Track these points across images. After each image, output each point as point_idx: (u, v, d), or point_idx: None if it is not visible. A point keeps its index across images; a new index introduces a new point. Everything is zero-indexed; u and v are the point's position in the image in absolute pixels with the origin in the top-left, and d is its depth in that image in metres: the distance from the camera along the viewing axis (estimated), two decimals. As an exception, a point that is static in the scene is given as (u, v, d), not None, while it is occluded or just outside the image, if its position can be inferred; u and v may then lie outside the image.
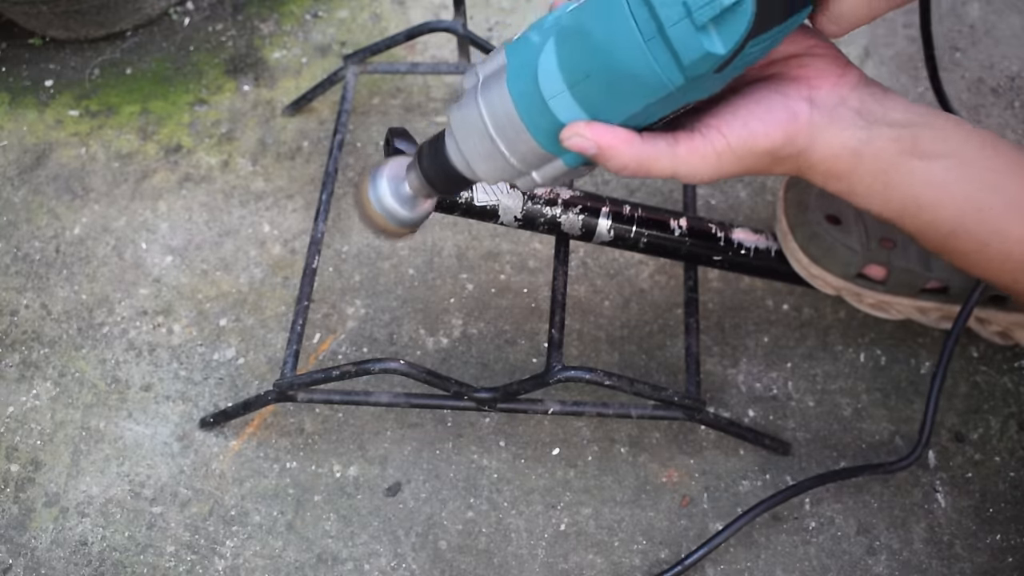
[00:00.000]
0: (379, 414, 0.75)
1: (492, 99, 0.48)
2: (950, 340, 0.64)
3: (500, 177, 0.51)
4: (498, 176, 0.51)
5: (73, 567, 0.70)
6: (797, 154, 0.49)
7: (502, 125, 0.48)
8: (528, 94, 0.47)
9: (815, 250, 0.68)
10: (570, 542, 0.70)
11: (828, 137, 0.48)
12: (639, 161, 0.47)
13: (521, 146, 0.48)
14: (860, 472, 0.68)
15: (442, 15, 0.96)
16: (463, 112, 0.50)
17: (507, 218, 0.65)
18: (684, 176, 0.49)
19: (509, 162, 0.49)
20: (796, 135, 0.48)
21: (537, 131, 0.48)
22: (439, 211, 0.64)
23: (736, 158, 0.48)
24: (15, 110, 0.93)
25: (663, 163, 0.48)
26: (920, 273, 0.67)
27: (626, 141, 0.47)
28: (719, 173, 0.49)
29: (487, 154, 0.50)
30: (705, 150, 0.48)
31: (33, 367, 0.79)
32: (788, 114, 0.48)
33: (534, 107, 0.47)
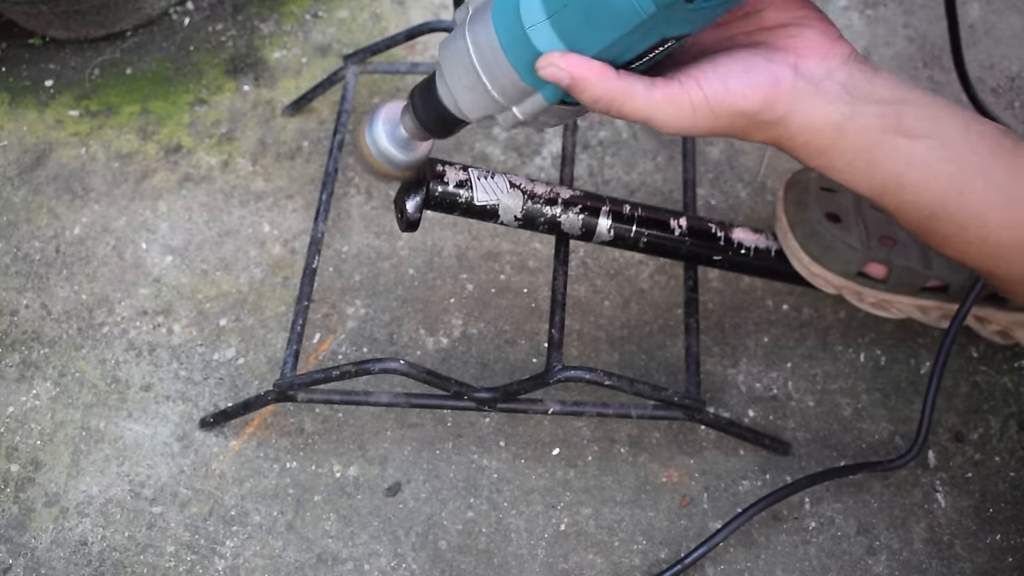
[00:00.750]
0: (379, 414, 0.75)
1: (477, 32, 0.49)
2: (947, 338, 0.64)
3: (483, 111, 0.51)
4: (481, 110, 0.51)
5: (73, 567, 0.70)
6: (776, 121, 0.48)
7: (485, 57, 0.49)
8: (510, 25, 0.47)
9: (815, 248, 0.68)
10: (570, 542, 0.70)
11: (810, 109, 0.48)
12: (612, 95, 0.47)
13: (502, 78, 0.49)
14: (858, 470, 0.68)
15: (442, 15, 0.96)
16: (451, 46, 0.51)
17: (507, 218, 0.65)
18: (657, 122, 0.48)
19: (491, 95, 0.50)
20: (776, 101, 0.48)
21: (517, 62, 0.48)
22: (439, 211, 0.64)
23: (712, 114, 0.48)
24: (15, 110, 0.93)
25: (637, 103, 0.47)
26: (920, 271, 0.67)
27: (600, 74, 0.46)
28: (693, 126, 0.48)
29: (471, 87, 0.50)
30: (681, 99, 0.47)
31: (33, 367, 0.79)
32: (770, 78, 0.47)
33: (515, 38, 0.48)
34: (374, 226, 0.84)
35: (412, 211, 0.62)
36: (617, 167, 0.86)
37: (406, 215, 0.62)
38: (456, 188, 0.63)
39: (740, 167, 0.85)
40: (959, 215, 0.49)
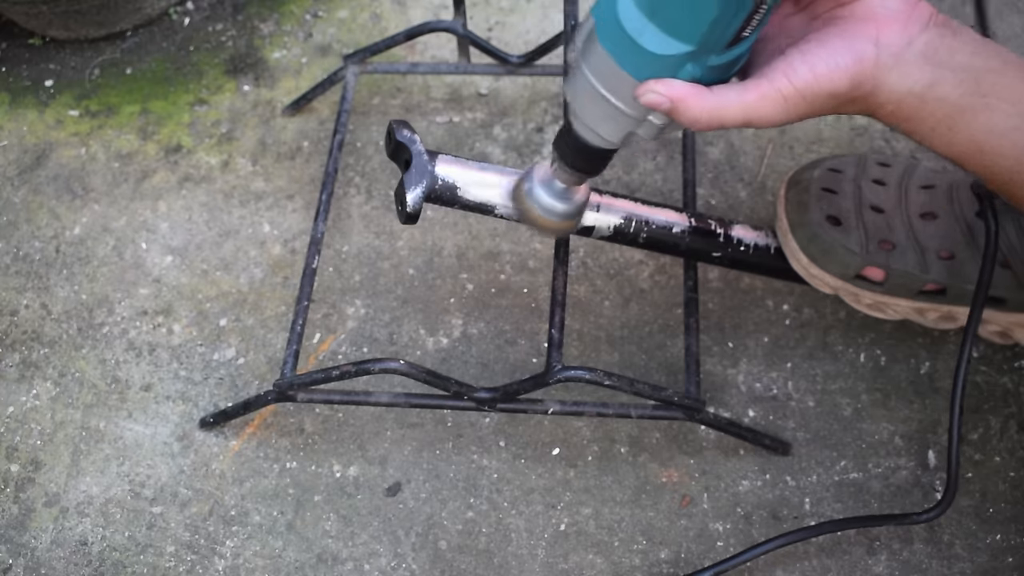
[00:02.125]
0: (379, 414, 0.75)
1: (592, 61, 0.51)
2: (958, 377, 0.64)
3: (624, 131, 0.53)
4: (622, 131, 0.53)
5: (73, 567, 0.70)
6: (864, 97, 0.50)
7: (608, 80, 0.51)
8: (619, 41, 0.49)
9: (815, 250, 0.68)
10: (570, 542, 0.70)
11: (893, 81, 0.49)
12: (710, 111, 0.49)
13: (629, 93, 0.51)
14: (884, 522, 0.67)
15: (442, 15, 0.96)
16: (573, 83, 0.53)
17: (508, 212, 0.65)
18: (756, 121, 0.50)
19: (625, 113, 0.52)
20: (862, 78, 0.49)
21: (636, 71, 0.50)
22: (439, 203, 0.64)
23: (804, 101, 0.49)
24: (15, 110, 0.93)
25: (733, 111, 0.49)
26: (918, 276, 0.67)
27: (696, 94, 0.49)
28: (788, 116, 0.50)
29: (605, 114, 0.52)
30: (773, 95, 0.49)
31: (33, 367, 0.79)
32: (854, 57, 0.49)
33: (628, 51, 0.49)
34: (374, 226, 0.84)
35: (412, 203, 0.62)
36: (617, 167, 0.86)
37: (406, 207, 0.62)
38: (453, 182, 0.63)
39: (740, 167, 0.85)
40: None
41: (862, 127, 0.86)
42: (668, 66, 0.49)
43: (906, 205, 0.69)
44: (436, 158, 0.64)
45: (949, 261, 0.67)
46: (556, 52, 0.83)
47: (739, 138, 0.87)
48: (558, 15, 0.95)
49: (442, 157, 0.64)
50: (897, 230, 0.68)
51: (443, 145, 0.88)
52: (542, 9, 0.96)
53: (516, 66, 0.85)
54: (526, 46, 0.92)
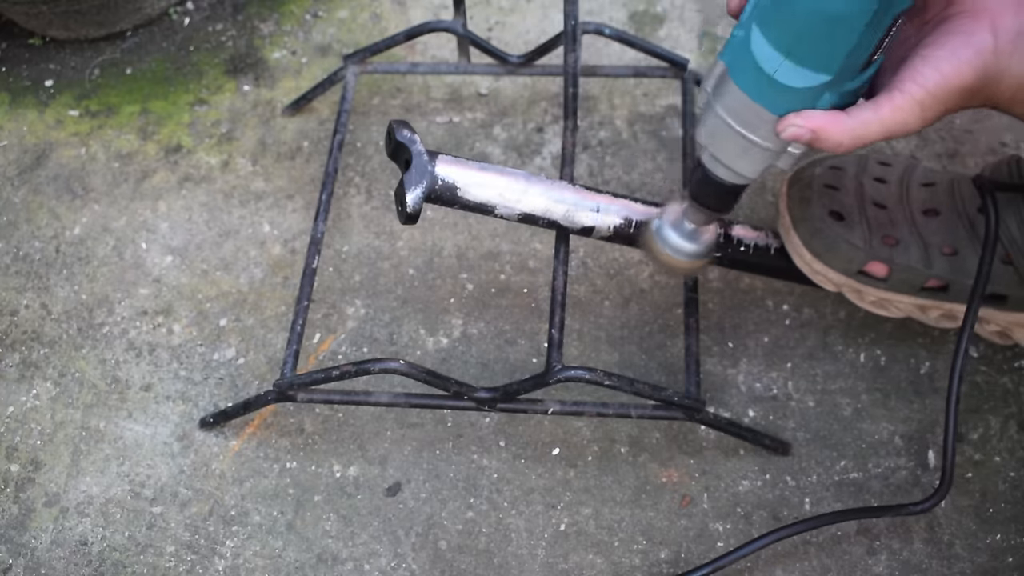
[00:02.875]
0: (379, 414, 0.75)
1: (727, 101, 0.52)
2: (955, 364, 0.64)
3: (762, 164, 0.55)
4: (760, 165, 0.55)
5: (73, 567, 0.70)
6: (989, 86, 0.51)
7: (745, 118, 0.52)
8: (754, 79, 0.51)
9: (818, 246, 0.68)
10: (570, 542, 0.70)
11: (1014, 65, 0.50)
12: (852, 134, 0.51)
13: (766, 128, 0.52)
14: (881, 513, 0.67)
15: (442, 15, 0.96)
16: (708, 127, 0.55)
17: (508, 212, 0.65)
18: (896, 132, 0.51)
19: (763, 147, 0.53)
20: (985, 69, 0.50)
21: (775, 107, 0.51)
22: (439, 204, 0.64)
23: (937, 102, 0.51)
24: (15, 110, 0.93)
25: (873, 128, 0.51)
26: (921, 271, 0.67)
27: (834, 120, 0.50)
28: (926, 120, 0.51)
29: (742, 150, 0.54)
30: (908, 104, 0.51)
31: (33, 367, 0.79)
32: (975, 50, 0.50)
33: (763, 87, 0.51)
34: (374, 226, 0.84)
35: (412, 203, 0.62)
36: (617, 167, 0.86)
37: (406, 207, 0.62)
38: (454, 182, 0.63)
39: (740, 167, 0.85)
40: None
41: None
42: (807, 98, 0.51)
43: (908, 201, 0.69)
44: (436, 158, 0.64)
45: (952, 257, 0.67)
46: (556, 52, 0.83)
47: (739, 138, 0.87)
48: (558, 15, 0.95)
49: (442, 157, 0.64)
50: (900, 225, 0.68)
51: (443, 145, 0.88)
52: (542, 9, 0.96)
53: (516, 66, 0.85)
54: (526, 46, 0.92)
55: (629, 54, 0.91)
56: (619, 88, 0.91)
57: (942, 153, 0.84)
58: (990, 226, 0.63)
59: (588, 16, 0.94)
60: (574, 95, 0.74)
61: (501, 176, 0.65)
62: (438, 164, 0.64)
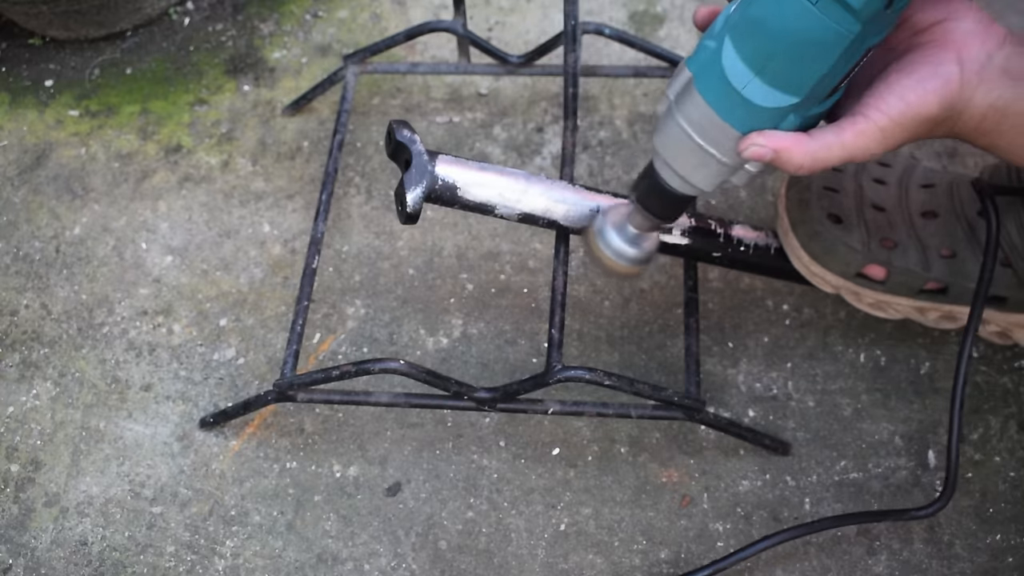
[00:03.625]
0: (379, 414, 0.75)
1: (689, 111, 0.52)
2: (959, 368, 0.64)
3: (717, 179, 0.54)
4: (715, 179, 0.54)
5: (73, 567, 0.70)
6: (953, 117, 0.52)
7: (705, 130, 0.52)
8: (721, 93, 0.50)
9: (816, 248, 0.68)
10: (570, 542, 0.70)
11: (979, 97, 0.51)
12: (813, 156, 0.51)
13: (727, 143, 0.52)
14: (884, 517, 0.67)
15: (442, 15, 0.96)
16: (666, 134, 0.54)
17: (508, 212, 0.65)
18: (856, 157, 0.52)
19: (721, 162, 0.53)
20: (951, 100, 0.51)
21: (739, 123, 0.51)
22: (439, 203, 0.64)
23: (900, 129, 0.51)
24: (15, 110, 0.93)
25: (834, 152, 0.51)
26: (919, 274, 0.67)
27: (797, 142, 0.50)
28: (887, 146, 0.52)
29: (699, 163, 0.53)
30: (870, 129, 0.51)
31: (33, 367, 0.79)
32: (941, 80, 0.50)
33: (730, 102, 0.50)
34: (374, 226, 0.84)
35: (412, 203, 0.62)
36: (617, 167, 0.86)
37: (406, 207, 0.62)
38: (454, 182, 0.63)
39: (740, 167, 0.85)
40: None
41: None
42: (772, 117, 0.50)
43: (907, 204, 0.69)
44: (436, 158, 0.64)
45: (950, 259, 0.67)
46: (556, 52, 0.83)
47: (739, 138, 0.87)
48: (558, 15, 0.95)
49: (442, 157, 0.64)
50: (898, 228, 0.68)
51: (443, 145, 0.88)
52: (542, 9, 0.96)
53: (516, 66, 0.85)
54: (526, 46, 0.92)
55: (629, 54, 0.91)
56: (619, 88, 0.91)
57: (942, 152, 0.84)
58: (991, 231, 0.63)
59: (588, 16, 0.94)
60: (574, 95, 0.74)
61: (501, 176, 0.65)
62: (438, 164, 0.64)
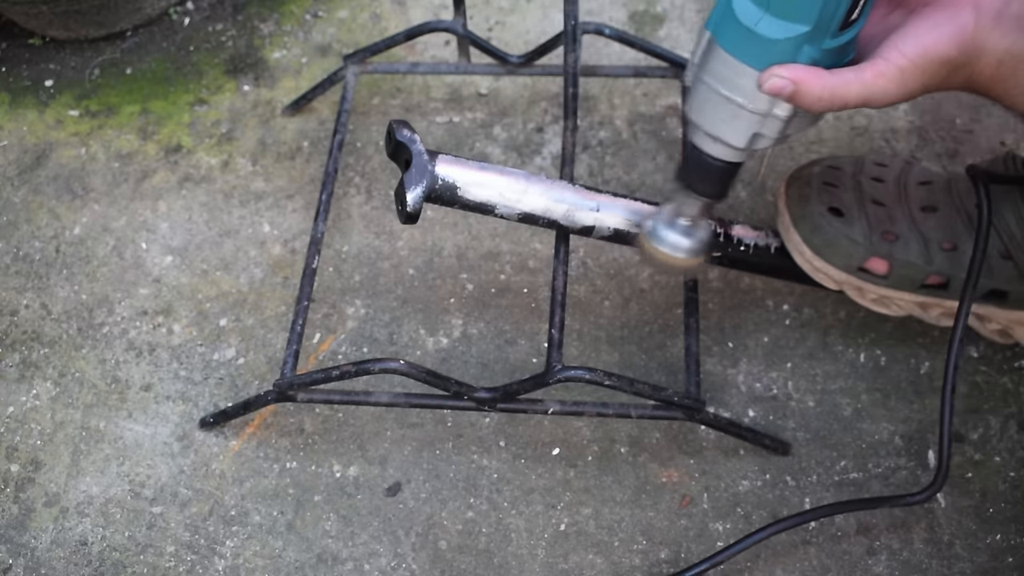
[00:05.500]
0: (379, 414, 0.75)
1: (713, 67, 0.54)
2: (951, 351, 0.64)
3: (749, 131, 0.55)
4: (748, 131, 0.55)
5: (73, 567, 0.70)
6: (969, 62, 0.52)
7: (729, 80, 0.53)
8: (738, 38, 0.52)
9: (818, 242, 0.68)
10: (570, 542, 0.70)
11: (994, 41, 0.52)
12: (832, 91, 0.52)
13: (751, 86, 0.53)
14: (878, 504, 0.67)
15: (442, 15, 0.96)
16: (695, 97, 0.55)
17: (508, 212, 0.65)
18: (876, 99, 0.53)
19: (749, 110, 0.54)
20: (966, 44, 0.52)
21: (758, 62, 0.52)
22: (439, 203, 0.64)
23: (919, 71, 0.52)
24: (15, 110, 0.93)
25: (853, 89, 0.52)
26: (922, 267, 0.67)
27: (815, 75, 0.51)
28: (906, 89, 0.53)
29: (729, 115, 0.55)
30: (889, 70, 0.52)
31: (33, 367, 0.79)
32: (957, 25, 0.51)
33: (746, 43, 0.52)
34: (374, 226, 0.84)
35: (413, 203, 0.62)
36: (617, 167, 0.86)
37: (406, 207, 0.62)
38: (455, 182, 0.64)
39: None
40: None
41: (862, 127, 0.86)
42: (787, 50, 0.52)
43: (906, 199, 0.69)
44: (436, 158, 0.64)
45: (952, 252, 0.67)
46: (556, 52, 0.83)
47: (739, 138, 0.87)
48: (558, 15, 0.95)
49: (442, 157, 0.64)
50: (899, 221, 0.68)
51: (443, 145, 0.88)
52: (542, 9, 0.96)
53: (516, 66, 0.85)
54: (526, 46, 0.92)
55: (629, 54, 0.91)
56: (619, 88, 0.91)
57: (942, 153, 0.84)
58: (982, 214, 0.63)
59: (588, 16, 0.94)
60: (574, 95, 0.74)
61: (501, 176, 0.65)
62: (438, 164, 0.64)
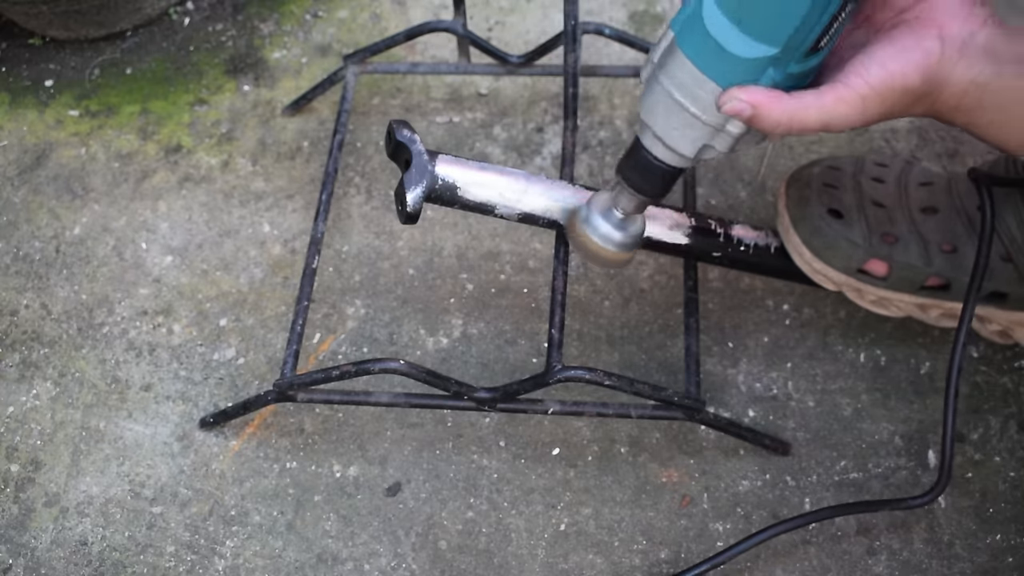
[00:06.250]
0: (379, 414, 0.75)
1: (672, 70, 0.52)
2: (955, 355, 0.64)
3: (699, 142, 0.54)
4: (698, 142, 0.54)
5: (73, 567, 0.70)
6: (932, 92, 0.52)
7: (687, 88, 0.52)
8: (702, 47, 0.51)
9: (818, 244, 0.68)
10: (570, 542, 0.70)
11: (959, 73, 0.51)
12: (791, 114, 0.51)
13: (708, 99, 0.52)
14: (880, 507, 0.67)
15: (442, 15, 0.96)
16: (649, 97, 0.54)
17: (508, 212, 0.66)
18: (835, 124, 0.52)
19: (703, 121, 0.53)
20: (931, 73, 0.51)
21: (720, 77, 0.51)
22: (439, 203, 0.65)
23: (879, 98, 0.51)
24: (15, 110, 0.93)
25: (812, 114, 0.51)
26: (921, 269, 0.67)
27: (775, 98, 0.50)
28: (866, 116, 0.52)
29: (682, 123, 0.53)
30: (850, 96, 0.51)
31: (33, 367, 0.79)
32: (922, 52, 0.51)
33: (711, 55, 0.51)
34: (374, 226, 0.84)
35: (412, 203, 0.62)
36: (617, 167, 0.86)
37: (406, 207, 0.62)
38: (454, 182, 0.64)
39: (740, 167, 0.85)
40: None
41: (862, 127, 0.86)
42: (751, 70, 0.51)
43: (906, 200, 0.69)
44: (436, 158, 0.64)
45: (951, 254, 0.67)
46: (556, 52, 0.83)
47: (739, 138, 0.87)
48: (558, 15, 0.95)
49: (442, 157, 0.64)
50: (899, 223, 0.68)
51: (443, 145, 0.88)
52: (542, 9, 0.96)
53: (516, 66, 0.85)
54: (526, 46, 0.92)
55: (629, 54, 0.91)
56: (619, 88, 0.91)
57: (942, 153, 0.84)
58: (986, 218, 0.63)
59: (588, 16, 0.94)
60: (574, 95, 0.74)
61: (501, 176, 0.65)
62: (438, 164, 0.64)
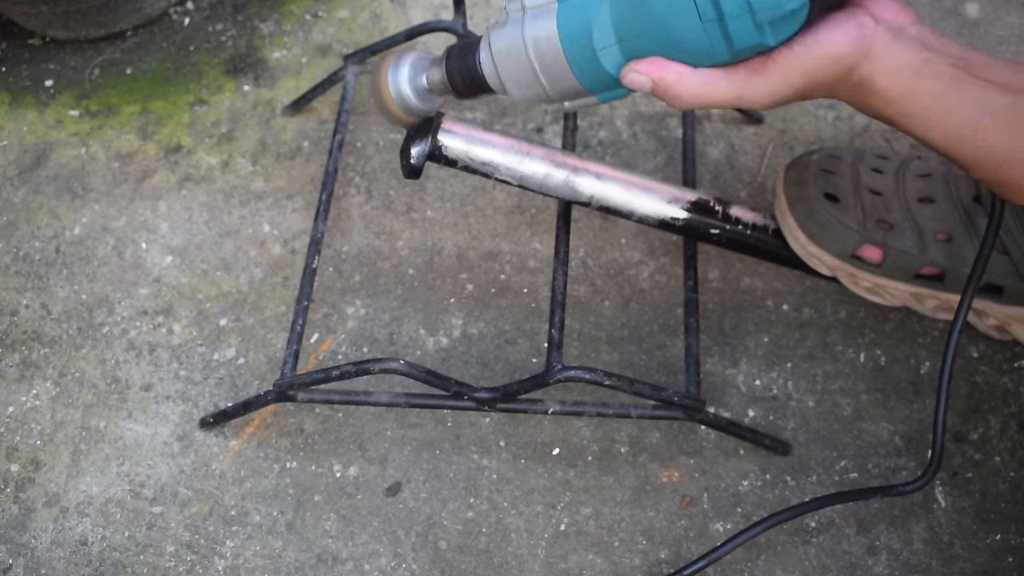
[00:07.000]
0: (379, 414, 0.75)
1: (539, 37, 0.52)
2: (947, 359, 0.64)
3: (530, 98, 0.55)
4: (529, 98, 0.55)
5: (73, 567, 0.70)
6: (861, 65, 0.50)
7: (547, 62, 0.52)
8: (578, 41, 0.51)
9: (813, 227, 0.68)
10: (570, 542, 0.70)
11: (891, 53, 0.50)
12: (693, 89, 0.50)
13: (562, 83, 0.53)
14: (872, 494, 0.67)
15: (442, 15, 0.96)
16: (506, 38, 0.54)
17: (510, 174, 0.67)
18: (748, 98, 0.50)
19: (545, 91, 0.54)
20: (862, 43, 0.50)
21: (582, 74, 0.52)
22: (442, 163, 0.66)
23: (802, 68, 0.49)
24: (15, 110, 0.93)
25: (719, 87, 0.50)
26: (916, 256, 0.67)
27: (679, 72, 0.49)
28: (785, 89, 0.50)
29: (526, 82, 0.54)
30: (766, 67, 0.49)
31: (33, 367, 0.79)
32: (854, 24, 0.50)
33: (582, 53, 0.51)
34: (374, 226, 0.84)
35: (417, 156, 0.64)
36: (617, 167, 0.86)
37: (411, 160, 0.64)
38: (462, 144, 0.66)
39: (740, 167, 0.85)
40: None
41: (863, 127, 0.86)
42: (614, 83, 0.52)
43: (904, 190, 0.70)
44: (441, 116, 0.66)
45: (947, 244, 0.67)
46: (556, 52, 0.83)
47: (739, 138, 0.87)
48: (558, 15, 0.94)
49: (447, 115, 0.66)
50: (895, 211, 0.68)
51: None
52: (542, 9, 0.96)
53: (516, 66, 0.85)
54: (526, 46, 0.92)
55: (629, 54, 0.91)
56: (619, 88, 0.91)
57: (942, 153, 0.84)
58: (994, 209, 0.62)
59: (588, 16, 0.94)
60: (574, 95, 0.75)
61: (504, 137, 0.66)
62: (443, 121, 0.66)
